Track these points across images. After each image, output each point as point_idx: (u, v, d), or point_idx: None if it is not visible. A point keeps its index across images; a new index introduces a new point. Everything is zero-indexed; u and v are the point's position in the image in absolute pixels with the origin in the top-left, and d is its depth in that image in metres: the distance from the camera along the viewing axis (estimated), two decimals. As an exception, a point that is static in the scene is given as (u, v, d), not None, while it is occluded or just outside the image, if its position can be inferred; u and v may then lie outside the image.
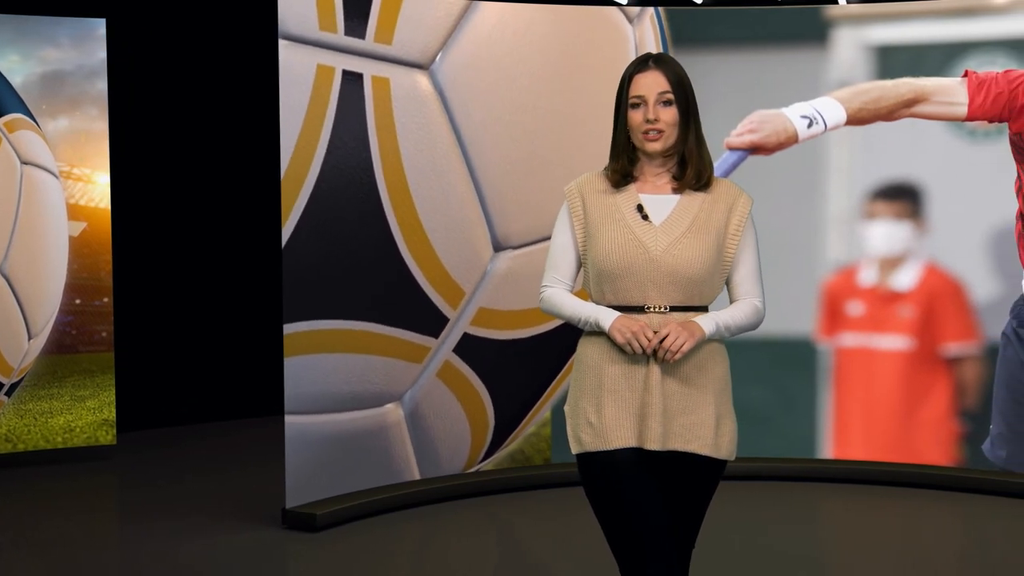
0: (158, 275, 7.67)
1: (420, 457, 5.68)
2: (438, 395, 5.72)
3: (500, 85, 5.71)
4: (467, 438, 5.83)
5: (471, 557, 4.97)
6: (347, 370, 5.42)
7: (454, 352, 5.73)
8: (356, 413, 5.46)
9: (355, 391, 5.44)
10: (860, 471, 6.08)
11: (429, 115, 5.56)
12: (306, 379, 5.28)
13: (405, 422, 5.62)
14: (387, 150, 5.45)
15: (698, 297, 2.92)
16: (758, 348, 5.75)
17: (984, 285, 5.90)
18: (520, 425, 5.95)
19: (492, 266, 5.76)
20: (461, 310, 5.72)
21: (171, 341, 7.76)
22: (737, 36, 6.14)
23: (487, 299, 5.77)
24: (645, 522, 2.86)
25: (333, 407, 5.38)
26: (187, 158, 7.75)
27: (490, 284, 5.76)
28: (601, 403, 2.92)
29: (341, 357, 5.39)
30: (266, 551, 4.99)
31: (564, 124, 5.77)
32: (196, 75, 7.74)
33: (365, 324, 5.46)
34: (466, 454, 5.83)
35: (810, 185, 6.11)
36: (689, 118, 2.92)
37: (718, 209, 2.95)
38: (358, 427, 5.47)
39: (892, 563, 4.91)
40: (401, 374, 5.59)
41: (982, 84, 5.60)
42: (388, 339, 5.53)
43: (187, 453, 7.01)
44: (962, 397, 5.97)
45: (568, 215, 3.02)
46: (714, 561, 4.61)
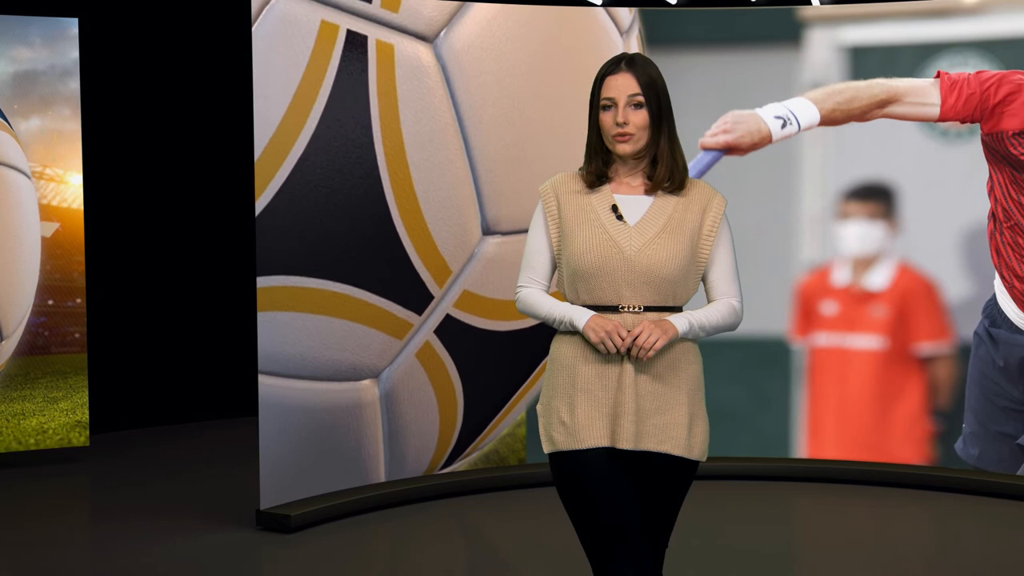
0: (131, 276, 7.64)
1: (389, 448, 5.64)
2: (414, 379, 5.69)
3: (501, 70, 5.74)
4: (435, 433, 5.79)
5: (446, 558, 4.97)
6: (327, 334, 5.38)
7: (435, 333, 5.72)
8: (332, 384, 5.42)
9: (334, 358, 5.40)
10: (834, 470, 6.11)
11: (430, 87, 5.58)
12: (283, 338, 5.23)
13: (380, 403, 5.59)
14: (387, 114, 5.46)
15: (672, 297, 2.93)
16: (732, 348, 5.77)
17: (957, 285, 5.93)
18: (484, 431, 5.94)
19: (480, 249, 5.76)
20: (447, 289, 5.71)
21: (145, 342, 7.72)
22: (711, 37, 6.16)
23: (472, 282, 5.77)
24: (617, 522, 2.86)
25: (310, 373, 5.33)
26: (161, 158, 7.71)
27: (477, 267, 5.77)
28: (574, 403, 2.92)
29: (323, 320, 5.36)
30: (240, 552, 4.97)
31: (560, 116, 5.78)
32: (169, 75, 7.70)
33: (350, 288, 5.44)
34: (431, 452, 5.80)
35: (784, 185, 6.13)
36: (661, 120, 2.93)
37: (692, 210, 2.96)
38: (333, 401, 5.43)
39: (865, 562, 4.93)
40: (381, 348, 5.56)
41: (954, 85, 5.63)
42: (372, 308, 5.50)
43: (161, 454, 6.98)
44: (935, 396, 6.00)
45: (543, 215, 3.03)
46: (688, 560, 4.62)
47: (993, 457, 5.81)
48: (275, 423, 5.24)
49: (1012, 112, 5.53)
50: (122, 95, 7.49)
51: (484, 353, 5.87)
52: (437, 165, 5.63)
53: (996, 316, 5.73)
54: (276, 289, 5.22)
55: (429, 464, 5.81)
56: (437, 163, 5.63)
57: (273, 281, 5.21)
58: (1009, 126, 5.54)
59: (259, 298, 5.15)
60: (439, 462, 5.85)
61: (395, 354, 5.63)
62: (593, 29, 5.92)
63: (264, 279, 5.17)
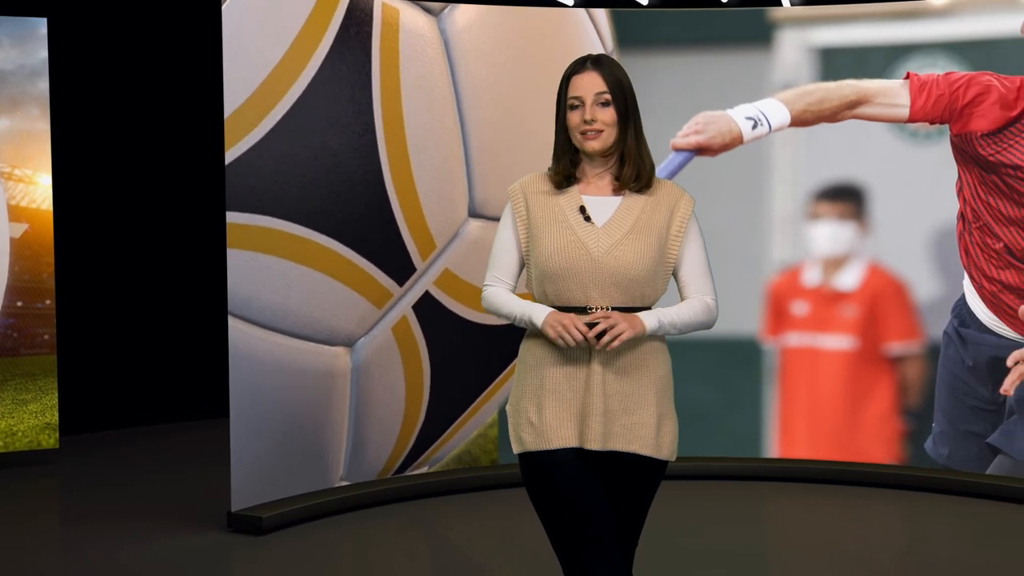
0: (101, 277, 7.60)
1: (354, 429, 5.58)
2: (387, 355, 5.66)
3: (499, 55, 5.81)
4: (398, 422, 5.75)
5: (418, 559, 4.96)
6: (308, 287, 5.36)
7: (413, 309, 5.70)
8: (307, 345, 5.37)
9: (312, 315, 5.37)
10: (805, 470, 6.13)
11: (432, 57, 5.62)
12: (263, 283, 5.20)
13: (351, 376, 5.54)
14: (387, 74, 5.50)
15: (640, 298, 2.93)
16: (703, 348, 5.79)
17: (926, 285, 5.96)
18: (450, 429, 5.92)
19: (464, 229, 5.78)
20: (430, 263, 5.71)
21: (115, 344, 7.68)
22: (682, 38, 6.17)
23: (454, 262, 5.78)
24: (587, 522, 2.86)
25: (287, 327, 5.30)
26: (131, 158, 7.68)
27: (460, 246, 5.78)
28: (542, 403, 2.92)
29: (305, 271, 5.34)
30: (211, 554, 4.95)
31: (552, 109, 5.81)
32: (139, 74, 7.67)
33: (336, 243, 5.43)
34: (394, 439, 5.76)
35: (754, 186, 6.15)
36: (628, 119, 2.94)
37: (660, 210, 2.97)
38: (305, 364, 5.38)
39: (836, 560, 4.95)
40: (360, 315, 5.54)
41: (923, 86, 5.66)
42: (355, 268, 5.49)
43: (131, 457, 6.94)
44: (905, 396, 6.03)
45: (511, 215, 3.03)
46: (659, 560, 4.63)
47: (962, 456, 5.84)
48: (247, 379, 5.17)
49: (981, 113, 5.56)
50: (91, 95, 7.46)
51: (457, 343, 5.86)
52: (433, 135, 5.66)
53: (965, 316, 5.77)
54: (257, 229, 5.17)
55: (391, 454, 5.76)
56: (433, 134, 5.65)
57: (254, 220, 5.16)
58: (978, 127, 5.57)
59: (231, 234, 5.07)
60: (400, 454, 5.80)
61: (372, 323, 5.60)
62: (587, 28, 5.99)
63: (242, 216, 5.11)
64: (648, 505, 3.02)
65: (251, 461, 5.23)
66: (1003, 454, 5.74)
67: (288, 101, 5.21)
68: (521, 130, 5.81)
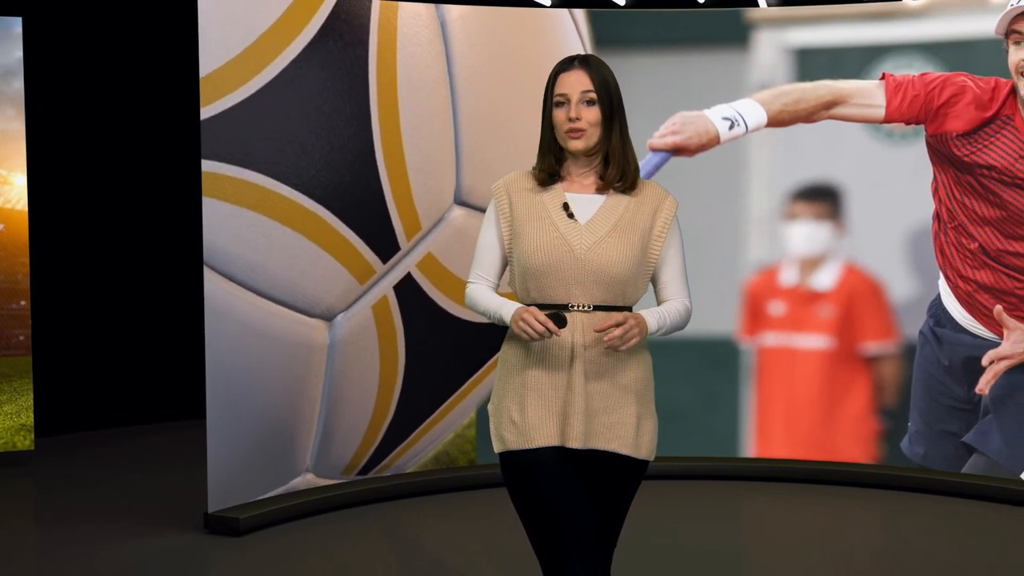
0: (77, 278, 7.56)
1: (326, 411, 5.53)
2: (364, 335, 5.62)
3: (493, 48, 5.82)
4: (369, 412, 5.72)
5: (397, 560, 4.95)
6: (293, 251, 5.33)
7: (394, 290, 5.69)
8: (286, 311, 5.33)
9: (294, 281, 5.34)
10: (782, 469, 6.15)
11: (429, 38, 5.68)
12: (247, 239, 5.17)
13: (327, 352, 5.50)
14: (384, 49, 5.54)
15: (622, 297, 2.94)
16: (681, 348, 5.79)
17: (902, 285, 5.99)
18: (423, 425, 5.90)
19: (450, 214, 5.79)
20: (414, 244, 5.71)
21: (91, 345, 7.64)
22: (659, 38, 6.19)
23: (438, 246, 5.77)
24: (567, 521, 2.87)
25: (267, 289, 5.25)
26: (106, 159, 7.64)
27: (444, 231, 5.78)
28: (524, 402, 2.93)
29: (291, 234, 5.31)
30: (188, 556, 4.93)
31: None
32: (114, 74, 7.63)
33: (321, 209, 5.41)
34: (361, 434, 5.72)
35: (731, 186, 6.17)
36: (613, 118, 2.95)
37: (643, 210, 2.97)
38: (283, 332, 5.33)
39: (813, 559, 4.97)
40: (342, 288, 5.51)
41: (899, 87, 5.68)
42: (340, 238, 5.48)
43: (107, 458, 6.91)
44: (881, 395, 6.05)
45: (495, 212, 3.03)
46: (637, 560, 4.64)
47: (938, 455, 5.87)
48: (224, 339, 5.12)
49: (956, 114, 5.59)
50: (67, 95, 7.42)
51: (434, 334, 5.83)
52: (426, 115, 5.67)
53: (941, 316, 5.80)
54: (244, 184, 5.15)
55: (361, 442, 5.72)
56: (426, 113, 5.67)
57: (242, 174, 5.14)
58: (953, 127, 5.60)
59: (206, 183, 5.03)
60: (371, 444, 5.76)
61: (353, 299, 5.57)
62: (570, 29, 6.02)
63: (229, 168, 5.09)
64: (628, 504, 3.03)
65: (225, 432, 5.16)
66: (978, 453, 5.77)
67: (282, 62, 5.20)
68: (511, 123, 5.82)
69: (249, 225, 5.18)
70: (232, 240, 5.13)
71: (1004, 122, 5.52)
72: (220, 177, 5.09)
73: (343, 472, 5.70)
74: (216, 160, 5.08)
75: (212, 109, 5.05)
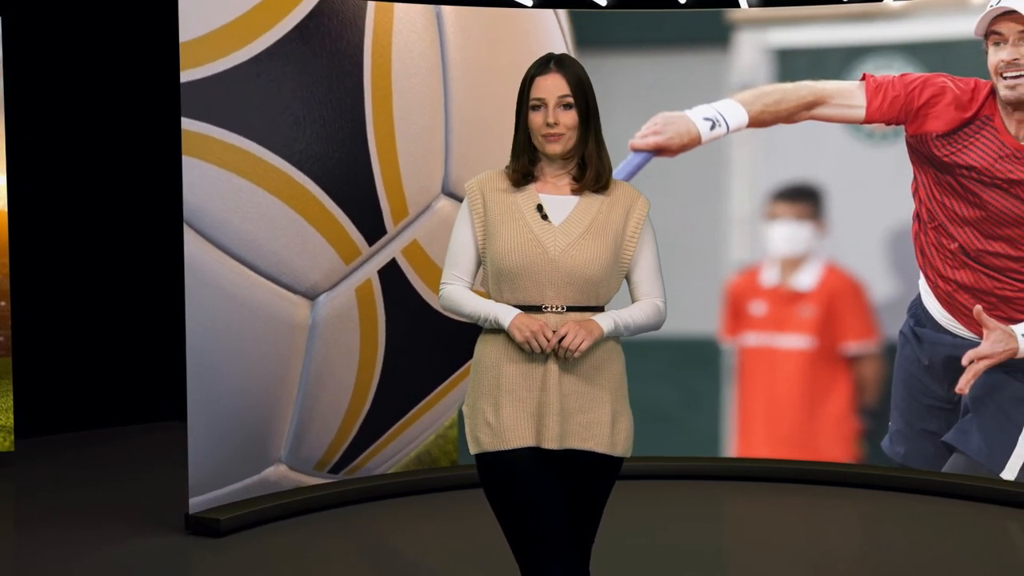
0: (57, 278, 7.53)
1: (303, 398, 5.49)
2: (346, 319, 5.59)
3: (489, 43, 5.85)
4: (346, 401, 5.69)
5: (377, 560, 4.95)
6: (280, 222, 5.30)
7: (379, 274, 5.67)
8: (269, 284, 5.29)
9: (279, 254, 5.30)
10: (763, 469, 6.16)
11: (424, 27, 5.70)
12: (234, 206, 5.13)
13: (307, 334, 5.46)
14: (380, 30, 5.55)
15: (595, 297, 2.94)
16: (663, 348, 5.80)
17: (882, 285, 6.01)
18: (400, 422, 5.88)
19: (436, 204, 5.78)
20: (400, 229, 5.69)
21: (71, 346, 7.62)
22: (640, 39, 6.19)
23: (423, 234, 5.76)
24: (544, 521, 2.87)
25: (251, 259, 5.21)
26: (85, 158, 7.61)
27: (430, 220, 5.77)
28: (499, 403, 2.93)
29: (279, 205, 5.28)
30: (169, 557, 4.92)
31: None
32: (94, 73, 7.60)
33: (310, 182, 5.39)
34: (339, 421, 5.68)
35: (713, 186, 6.18)
36: (589, 121, 2.95)
37: (616, 211, 2.98)
38: (265, 304, 5.28)
39: (794, 558, 4.98)
40: (327, 267, 5.48)
41: (879, 87, 5.70)
42: (327, 214, 5.45)
43: (88, 460, 6.88)
44: (862, 395, 6.07)
45: (468, 212, 3.03)
46: (618, 559, 4.64)
47: (918, 454, 5.89)
48: (203, 308, 5.07)
49: (936, 114, 5.61)
50: (46, 94, 7.38)
51: (415, 325, 5.81)
52: (418, 102, 5.68)
53: (921, 315, 5.81)
54: (232, 148, 5.12)
55: (338, 430, 5.68)
56: (418, 100, 5.68)
57: (228, 137, 5.11)
58: (933, 128, 5.62)
59: (195, 142, 5.00)
60: (348, 434, 5.73)
61: (337, 279, 5.53)
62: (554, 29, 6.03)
63: (210, 128, 5.05)
64: (604, 502, 3.04)
65: (205, 413, 5.12)
66: (958, 452, 5.79)
67: (276, 34, 5.21)
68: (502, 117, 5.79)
69: (237, 191, 5.15)
70: (220, 205, 5.09)
71: (984, 123, 5.54)
72: (208, 139, 5.05)
73: (316, 467, 5.65)
74: (204, 121, 5.03)
75: (202, 71, 5.00)
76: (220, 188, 5.10)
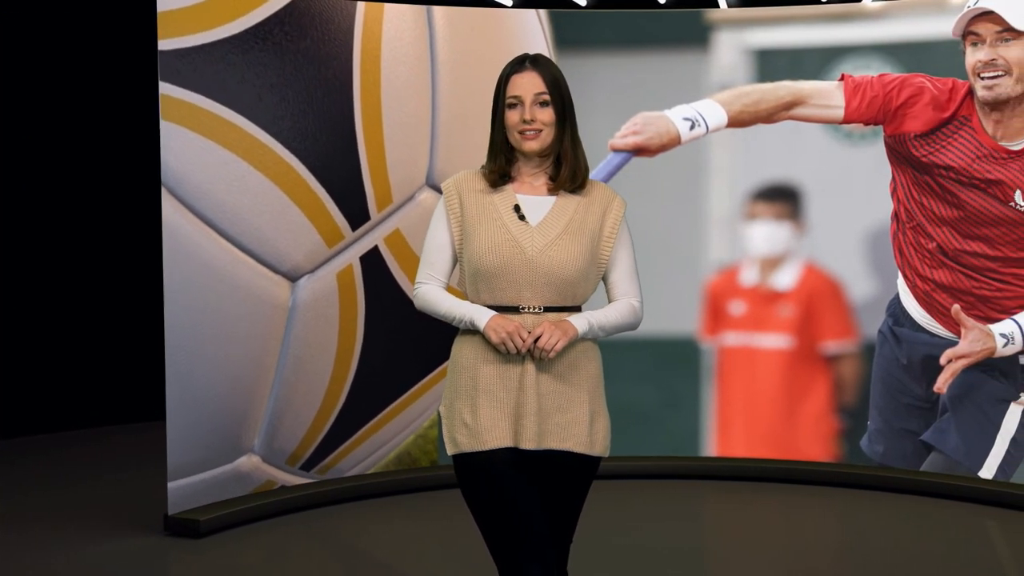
0: (34, 280, 7.49)
1: (278, 386, 5.45)
2: (326, 306, 5.55)
3: (476, 39, 5.86)
4: (320, 394, 5.64)
5: (357, 560, 4.94)
6: (265, 199, 5.26)
7: (360, 260, 5.64)
8: (250, 262, 5.25)
9: (263, 230, 5.26)
10: (742, 468, 6.17)
11: (415, 18, 5.72)
12: (218, 179, 5.10)
13: (287, 317, 5.42)
14: (371, 20, 5.56)
15: (571, 298, 2.95)
16: (642, 348, 5.81)
17: (861, 284, 6.03)
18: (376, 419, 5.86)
19: (420, 195, 5.77)
20: (384, 217, 5.68)
21: (49, 346, 7.58)
22: (620, 39, 6.20)
23: (406, 224, 5.75)
24: (522, 521, 2.87)
25: (234, 234, 5.17)
26: (61, 159, 7.56)
27: (413, 210, 5.76)
28: (476, 404, 2.93)
29: (263, 181, 5.25)
30: (148, 559, 4.90)
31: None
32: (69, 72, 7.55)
33: (296, 161, 5.37)
34: (309, 421, 5.65)
35: (692, 186, 6.19)
36: (565, 119, 2.96)
37: (593, 212, 2.99)
38: (245, 282, 5.23)
39: (773, 557, 4.99)
40: (309, 248, 5.45)
41: (858, 87, 5.71)
42: (312, 195, 5.43)
43: (66, 461, 6.85)
44: (841, 394, 6.09)
45: (445, 213, 3.03)
46: (596, 559, 4.65)
47: (897, 453, 5.91)
48: (182, 279, 5.04)
49: (914, 114, 5.63)
50: (19, 92, 7.34)
51: (395, 318, 5.77)
52: (406, 90, 5.70)
53: (899, 315, 5.83)
54: (213, 116, 5.09)
55: (308, 429, 5.65)
56: (406, 88, 5.70)
57: (215, 108, 5.09)
58: (911, 128, 5.64)
59: (164, 106, 4.94)
60: (317, 435, 5.69)
61: (319, 262, 5.50)
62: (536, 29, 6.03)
63: (194, 96, 5.02)
64: (582, 502, 3.04)
65: (182, 396, 5.09)
66: (937, 451, 5.81)
67: (264, 13, 5.21)
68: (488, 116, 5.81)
69: (223, 163, 5.13)
70: (203, 175, 5.06)
71: (961, 123, 5.56)
72: (194, 107, 5.02)
73: (288, 460, 5.61)
74: (189, 89, 5.00)
75: (182, 42, 4.98)
76: (205, 158, 5.07)
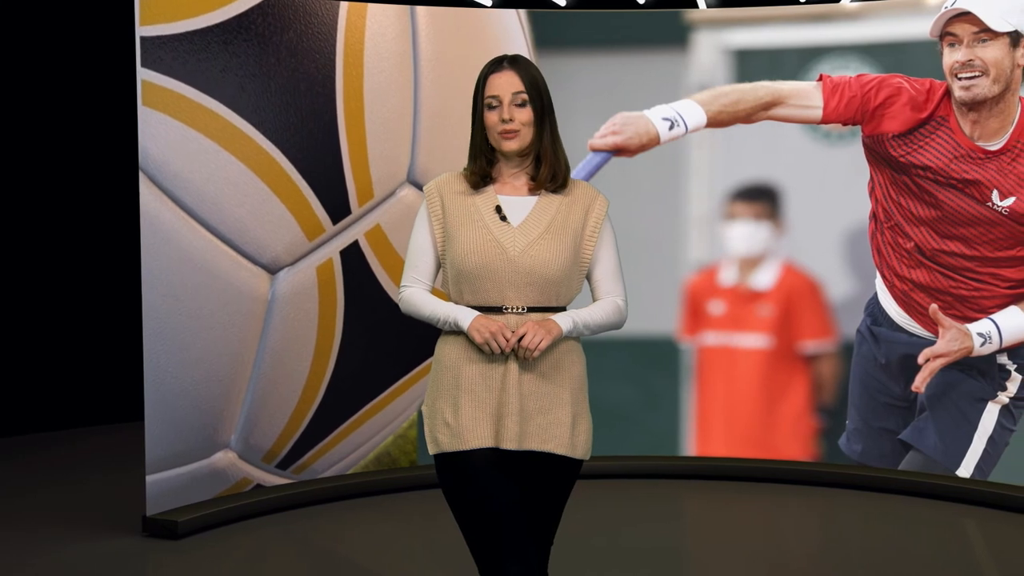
0: (11, 281, 7.46)
1: (256, 380, 5.43)
2: (305, 300, 5.53)
3: (458, 37, 5.86)
4: (298, 390, 5.62)
5: (337, 562, 4.94)
6: (246, 189, 5.24)
7: (340, 255, 5.63)
8: (230, 252, 5.23)
9: (243, 220, 5.24)
10: (721, 467, 6.19)
11: (398, 15, 5.72)
12: (201, 166, 5.08)
13: (266, 309, 5.40)
14: (355, 15, 5.57)
15: (555, 298, 2.95)
16: (621, 347, 5.82)
17: (840, 284, 6.05)
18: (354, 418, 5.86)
19: (401, 191, 5.77)
20: (365, 211, 5.67)
21: (27, 347, 7.55)
22: (599, 39, 6.20)
23: (387, 220, 5.74)
24: (503, 522, 2.87)
25: (214, 223, 5.15)
26: (41, 159, 7.53)
27: (394, 206, 5.75)
28: (458, 403, 2.93)
29: (245, 171, 5.24)
30: (126, 560, 4.88)
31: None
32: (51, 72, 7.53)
33: (278, 152, 5.35)
34: (284, 422, 5.63)
35: (671, 186, 6.20)
36: (544, 118, 2.96)
37: (575, 211, 2.99)
38: (223, 272, 5.21)
39: (752, 556, 5.00)
40: (289, 240, 5.43)
41: (836, 88, 5.73)
42: (294, 187, 5.41)
43: (43, 462, 6.82)
44: (819, 393, 6.11)
45: (427, 215, 3.03)
46: (576, 559, 4.65)
47: (875, 452, 5.93)
48: (160, 267, 5.02)
49: (892, 115, 5.65)
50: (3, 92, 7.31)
51: (373, 316, 5.77)
52: (388, 85, 5.69)
53: (878, 314, 5.86)
54: (200, 108, 5.08)
55: (285, 426, 5.63)
56: (388, 84, 5.69)
57: (199, 97, 5.08)
58: (889, 128, 5.66)
59: (144, 92, 4.92)
60: (293, 434, 5.67)
61: (299, 255, 5.49)
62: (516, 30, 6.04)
63: (176, 83, 5.00)
64: (563, 503, 3.04)
65: (160, 387, 5.07)
66: (915, 450, 5.83)
67: (246, 3, 5.20)
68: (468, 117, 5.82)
69: (204, 152, 5.10)
70: (183, 164, 5.04)
71: (939, 123, 5.59)
72: (174, 94, 5.00)
73: (264, 458, 5.59)
74: (169, 76, 4.98)
75: (163, 29, 4.95)
76: (186, 147, 5.05)
